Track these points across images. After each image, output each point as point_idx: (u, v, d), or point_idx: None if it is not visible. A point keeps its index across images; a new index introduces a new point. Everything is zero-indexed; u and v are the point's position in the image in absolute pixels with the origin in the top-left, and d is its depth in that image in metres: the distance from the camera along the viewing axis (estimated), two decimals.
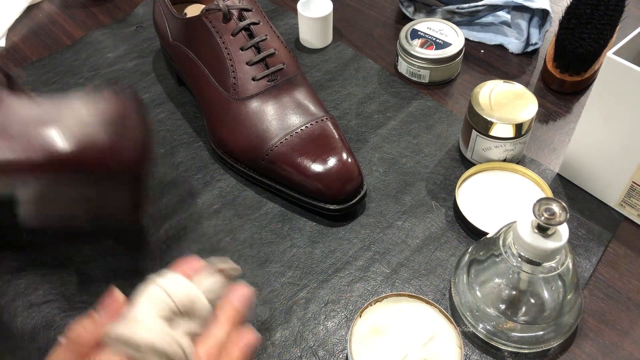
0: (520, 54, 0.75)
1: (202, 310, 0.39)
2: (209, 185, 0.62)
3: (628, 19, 0.70)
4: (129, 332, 0.36)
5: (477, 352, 0.49)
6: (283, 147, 0.57)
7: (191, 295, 0.39)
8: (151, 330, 0.36)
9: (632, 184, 0.55)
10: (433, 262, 0.55)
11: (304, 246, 0.56)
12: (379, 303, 0.48)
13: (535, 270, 0.45)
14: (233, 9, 0.60)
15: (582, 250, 0.56)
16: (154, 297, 0.38)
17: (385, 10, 0.83)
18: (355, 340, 0.46)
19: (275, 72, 0.60)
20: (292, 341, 0.50)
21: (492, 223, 0.56)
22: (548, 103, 0.70)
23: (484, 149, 0.60)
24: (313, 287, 0.54)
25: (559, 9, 0.71)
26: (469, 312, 0.50)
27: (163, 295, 0.38)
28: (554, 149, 0.65)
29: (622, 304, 0.53)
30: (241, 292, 0.41)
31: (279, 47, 0.61)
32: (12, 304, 0.52)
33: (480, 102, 0.59)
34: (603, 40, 0.65)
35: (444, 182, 0.62)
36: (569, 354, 0.50)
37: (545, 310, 0.48)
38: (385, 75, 0.73)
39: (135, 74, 0.73)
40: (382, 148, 0.65)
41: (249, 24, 0.60)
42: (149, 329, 0.36)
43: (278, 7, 0.83)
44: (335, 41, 0.78)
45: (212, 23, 0.60)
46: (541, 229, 0.43)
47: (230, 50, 0.60)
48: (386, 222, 0.58)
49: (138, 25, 0.80)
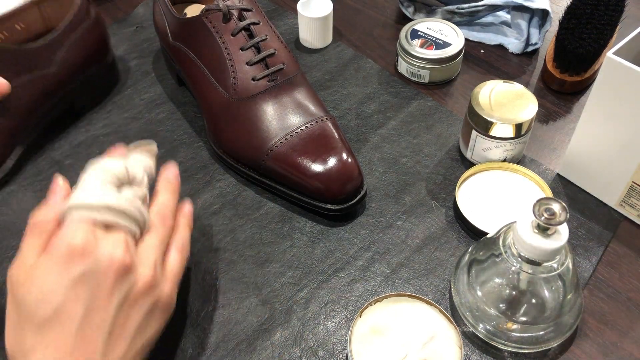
0: (520, 54, 0.75)
1: (139, 176, 0.45)
2: (209, 185, 0.62)
3: (628, 19, 0.70)
4: (84, 197, 0.40)
5: (477, 352, 0.49)
6: (283, 147, 0.57)
7: (127, 166, 0.44)
8: (103, 192, 0.41)
9: (632, 184, 0.55)
10: (433, 262, 0.55)
11: (304, 246, 0.56)
12: (379, 303, 0.48)
13: (536, 270, 0.45)
14: (233, 9, 0.60)
15: (582, 250, 0.56)
16: (97, 170, 0.43)
17: (385, 10, 0.83)
18: (355, 340, 0.46)
19: (275, 72, 0.60)
20: (292, 341, 0.50)
21: (492, 223, 0.56)
22: (548, 103, 0.70)
23: (484, 149, 0.60)
24: (313, 287, 0.54)
25: (559, 9, 0.71)
26: (469, 312, 0.50)
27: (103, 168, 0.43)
28: (554, 149, 0.65)
29: (622, 304, 0.53)
30: (172, 169, 0.49)
31: (279, 47, 0.61)
32: None
33: (480, 102, 0.59)
34: (603, 40, 0.65)
35: (444, 182, 0.62)
36: (569, 354, 0.50)
37: (545, 310, 0.48)
38: (385, 75, 0.73)
39: (135, 74, 0.73)
40: (382, 148, 0.65)
41: (249, 24, 0.60)
42: (101, 192, 0.41)
43: (278, 7, 0.83)
44: (335, 41, 0.78)
45: (212, 23, 0.60)
46: (541, 229, 0.43)
47: (230, 50, 0.60)
48: (386, 222, 0.58)
49: (138, 25, 0.80)
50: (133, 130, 0.67)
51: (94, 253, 0.39)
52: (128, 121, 0.68)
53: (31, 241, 0.40)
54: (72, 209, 0.40)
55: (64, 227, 0.40)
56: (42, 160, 0.64)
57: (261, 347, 0.50)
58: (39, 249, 0.40)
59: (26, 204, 0.60)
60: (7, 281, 0.40)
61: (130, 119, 0.68)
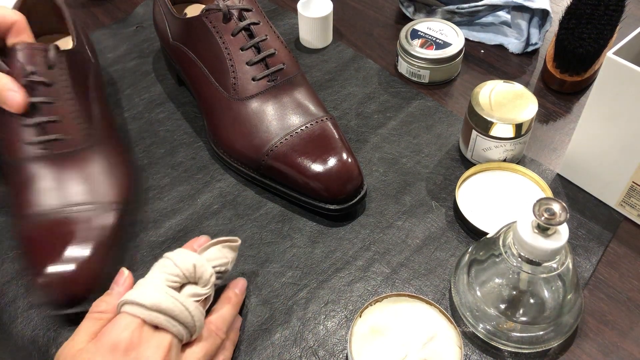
0: (520, 54, 0.75)
1: (206, 276, 0.45)
2: (209, 185, 0.62)
3: (628, 19, 0.70)
4: (137, 295, 0.42)
5: (477, 352, 0.49)
6: (283, 147, 0.57)
7: (196, 263, 0.45)
8: (158, 292, 0.43)
9: (632, 184, 0.55)
10: (433, 262, 0.55)
11: (304, 246, 0.56)
12: (379, 303, 0.48)
13: (536, 270, 0.45)
14: (233, 9, 0.60)
15: (582, 250, 0.56)
16: (163, 266, 0.45)
17: (385, 10, 0.83)
18: (355, 340, 0.46)
19: (275, 72, 0.60)
20: (292, 341, 0.50)
21: (492, 223, 0.56)
22: (548, 103, 0.70)
23: (484, 149, 0.60)
24: (313, 287, 0.54)
25: (559, 9, 0.71)
26: (469, 312, 0.50)
27: (170, 264, 0.45)
28: (554, 149, 0.65)
29: (622, 304, 0.53)
30: (241, 283, 0.51)
31: (279, 47, 0.61)
32: (12, 305, 0.52)
33: (480, 102, 0.59)
34: (603, 40, 0.65)
35: (444, 182, 0.62)
36: (569, 354, 0.50)
37: (545, 310, 0.48)
38: (385, 75, 0.73)
39: (135, 74, 0.73)
40: (382, 148, 0.65)
41: (249, 24, 0.60)
42: (156, 291, 0.43)
43: (278, 7, 0.83)
44: (335, 41, 0.78)
45: (212, 23, 0.60)
46: (541, 229, 0.43)
47: (230, 50, 0.60)
48: (386, 222, 0.58)
49: (138, 25, 0.80)
50: (133, 130, 0.67)
51: (135, 352, 0.41)
52: (128, 121, 0.68)
53: (87, 326, 0.43)
54: (126, 304, 0.43)
55: (114, 321, 0.42)
56: None
57: (261, 347, 0.50)
58: (91, 335, 0.43)
59: None
60: (55, 356, 0.43)
61: (130, 119, 0.68)
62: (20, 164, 0.53)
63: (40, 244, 0.50)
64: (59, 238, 0.50)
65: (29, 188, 0.52)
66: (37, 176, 0.52)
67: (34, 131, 0.53)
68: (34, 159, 0.53)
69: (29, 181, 0.52)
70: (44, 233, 0.50)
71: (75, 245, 0.49)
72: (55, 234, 0.50)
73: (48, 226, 0.50)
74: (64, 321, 0.51)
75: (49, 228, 0.50)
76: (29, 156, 0.53)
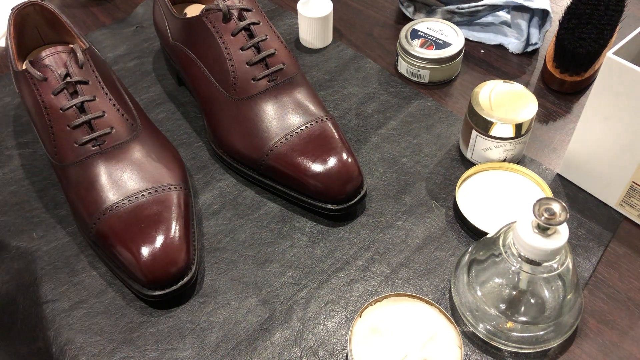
0: (520, 54, 0.75)
1: None
2: (209, 185, 0.62)
3: (628, 19, 0.70)
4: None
5: (477, 352, 0.49)
6: (283, 147, 0.57)
7: None
8: None
9: (632, 184, 0.55)
10: (433, 262, 0.55)
11: (304, 246, 0.56)
12: (379, 303, 0.48)
13: (536, 270, 0.45)
14: (233, 9, 0.60)
15: (582, 250, 0.56)
16: None
17: (385, 10, 0.83)
18: (355, 340, 0.46)
19: (275, 72, 0.60)
20: (292, 341, 0.50)
21: (492, 223, 0.56)
22: (548, 103, 0.70)
23: (484, 149, 0.60)
24: (313, 287, 0.54)
25: (559, 9, 0.71)
26: (469, 312, 0.50)
27: None
28: (554, 149, 0.65)
29: (622, 304, 0.53)
30: None
31: (279, 47, 0.61)
32: (12, 304, 0.52)
33: (480, 102, 0.59)
34: (603, 40, 0.65)
35: (444, 182, 0.62)
36: (569, 354, 0.50)
37: (545, 310, 0.48)
38: (385, 75, 0.73)
39: (135, 74, 0.73)
40: (382, 148, 0.65)
41: (249, 24, 0.60)
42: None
43: (278, 7, 0.83)
44: (335, 41, 0.78)
45: (212, 23, 0.60)
46: (541, 229, 0.43)
47: (230, 50, 0.60)
48: (386, 222, 0.58)
49: (138, 25, 0.80)
50: None
51: None
52: None
53: None
54: None
55: None
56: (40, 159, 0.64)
57: (261, 347, 0.50)
58: None
59: (26, 204, 0.60)
60: None
61: None
62: (76, 167, 0.54)
63: (129, 236, 0.51)
64: (144, 224, 0.51)
65: (96, 186, 0.53)
66: (99, 173, 0.54)
67: (84, 130, 0.55)
68: (91, 156, 0.54)
69: (93, 179, 0.54)
70: (128, 224, 0.52)
71: (161, 227, 0.51)
72: (139, 221, 0.52)
73: (128, 217, 0.52)
74: (63, 319, 0.51)
75: (130, 218, 0.52)
76: (86, 155, 0.54)
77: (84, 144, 0.54)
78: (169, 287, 0.50)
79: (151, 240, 0.50)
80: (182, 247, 0.51)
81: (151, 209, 0.52)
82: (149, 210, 0.52)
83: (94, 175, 0.54)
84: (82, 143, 0.54)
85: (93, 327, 0.51)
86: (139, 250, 0.50)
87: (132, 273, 0.50)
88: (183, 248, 0.51)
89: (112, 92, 0.57)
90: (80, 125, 0.54)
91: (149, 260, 0.49)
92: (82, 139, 0.54)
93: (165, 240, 0.50)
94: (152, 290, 0.50)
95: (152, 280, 0.50)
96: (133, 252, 0.50)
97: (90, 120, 0.55)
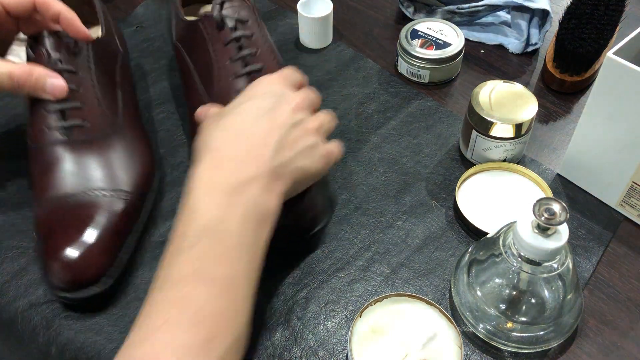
0: (520, 54, 0.75)
1: None
2: None
3: (628, 19, 0.70)
4: None
5: (477, 352, 0.49)
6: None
7: None
8: None
9: (632, 184, 0.55)
10: (433, 262, 0.55)
11: (304, 246, 0.56)
12: (379, 303, 0.48)
13: (536, 270, 0.45)
14: (228, 18, 0.58)
15: (582, 250, 0.56)
16: None
17: (385, 10, 0.83)
18: (355, 340, 0.46)
19: None
20: (292, 341, 0.50)
21: (492, 223, 0.56)
22: (548, 103, 0.70)
23: (484, 149, 0.60)
24: (313, 287, 0.54)
25: (559, 9, 0.71)
26: (469, 312, 0.50)
27: None
28: (554, 149, 0.65)
29: (622, 304, 0.53)
30: None
31: (269, 62, 0.58)
32: (12, 304, 0.52)
33: (480, 102, 0.59)
34: (603, 40, 0.65)
35: (444, 182, 0.62)
36: (569, 354, 0.50)
37: (546, 310, 0.48)
38: (385, 75, 0.73)
39: (136, 74, 0.73)
40: (382, 148, 0.65)
41: (241, 36, 0.58)
42: None
43: (278, 7, 0.83)
44: (335, 41, 0.78)
45: (207, 30, 0.59)
46: (541, 229, 0.43)
47: (219, 59, 0.58)
48: (386, 222, 0.58)
49: (138, 25, 0.80)
50: None
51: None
52: None
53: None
54: None
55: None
56: None
57: (261, 347, 0.50)
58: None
59: (26, 204, 0.60)
60: None
61: None
62: (43, 149, 0.54)
63: (55, 228, 0.50)
64: (72, 222, 0.50)
65: (48, 172, 0.53)
66: (57, 161, 0.53)
67: (56, 116, 0.54)
68: (56, 144, 0.54)
69: (49, 165, 0.53)
70: (58, 217, 0.51)
71: (87, 231, 0.50)
72: (69, 218, 0.51)
73: (62, 211, 0.51)
74: (63, 319, 0.51)
75: (64, 213, 0.51)
76: (51, 141, 0.54)
77: (52, 130, 0.54)
78: (74, 291, 0.49)
79: (68, 241, 0.49)
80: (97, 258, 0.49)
81: (87, 211, 0.51)
82: (86, 211, 0.51)
83: (50, 162, 0.53)
84: (51, 128, 0.54)
85: (93, 327, 0.51)
86: (54, 245, 0.49)
87: (45, 267, 0.50)
88: (99, 259, 0.49)
89: (102, 87, 0.57)
90: (55, 112, 0.54)
91: (58, 260, 0.48)
92: (52, 124, 0.54)
93: (81, 245, 0.49)
94: (57, 290, 0.50)
95: (60, 280, 0.48)
96: (48, 245, 0.49)
97: (65, 109, 0.54)
